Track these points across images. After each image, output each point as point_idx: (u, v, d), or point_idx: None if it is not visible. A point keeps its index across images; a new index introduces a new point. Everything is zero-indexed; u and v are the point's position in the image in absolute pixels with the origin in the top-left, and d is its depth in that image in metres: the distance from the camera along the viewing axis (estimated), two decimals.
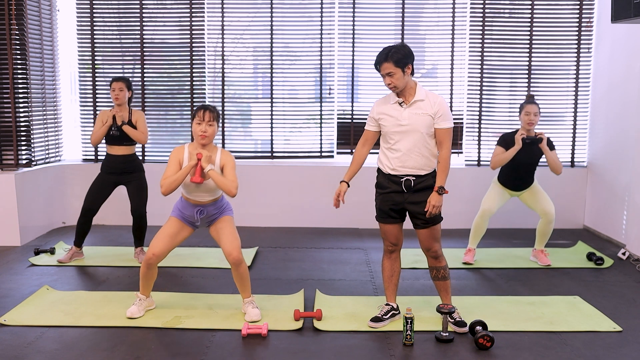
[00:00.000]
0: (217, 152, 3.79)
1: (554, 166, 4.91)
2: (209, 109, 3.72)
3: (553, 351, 3.41)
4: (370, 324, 3.72)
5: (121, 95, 4.95)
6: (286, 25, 6.50)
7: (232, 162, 3.78)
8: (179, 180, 3.64)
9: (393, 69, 3.51)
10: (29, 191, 5.82)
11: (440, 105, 3.56)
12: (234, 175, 3.72)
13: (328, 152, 6.59)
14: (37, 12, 5.99)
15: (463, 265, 5.05)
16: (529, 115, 4.84)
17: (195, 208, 3.80)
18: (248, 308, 3.85)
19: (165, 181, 3.64)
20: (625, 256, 5.28)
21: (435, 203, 3.56)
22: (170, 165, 3.71)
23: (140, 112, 5.07)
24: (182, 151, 3.76)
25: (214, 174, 3.65)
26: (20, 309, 3.96)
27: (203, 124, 3.68)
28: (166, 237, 3.79)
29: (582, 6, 6.34)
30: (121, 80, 5.00)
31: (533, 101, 4.94)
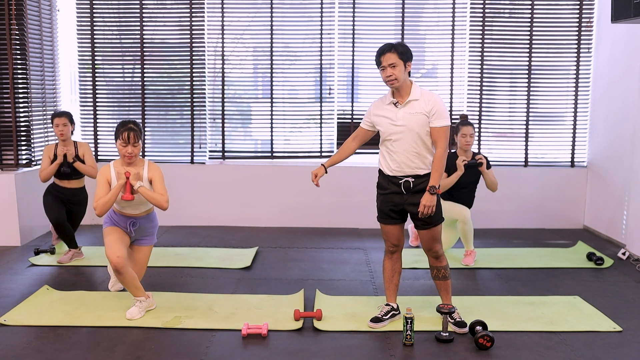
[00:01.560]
0: (145, 166, 3.88)
1: (492, 186, 5.13)
2: (132, 129, 3.76)
3: (553, 351, 3.41)
4: (370, 324, 3.72)
5: (65, 131, 4.98)
6: (286, 25, 6.50)
7: (160, 174, 3.89)
8: (112, 200, 3.75)
9: (396, 61, 3.52)
10: (29, 191, 5.82)
11: (434, 103, 3.52)
12: (163, 188, 3.85)
13: (328, 152, 6.59)
14: (37, 12, 5.99)
15: (462, 265, 5.05)
16: (465, 137, 4.99)
17: (128, 220, 3.92)
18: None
19: (98, 203, 3.74)
20: (625, 256, 5.28)
21: (427, 203, 3.52)
22: (100, 186, 3.80)
23: (85, 145, 5.11)
24: (109, 170, 3.85)
25: (144, 190, 3.76)
26: (20, 309, 3.96)
27: (129, 146, 3.77)
28: (117, 241, 3.83)
29: (582, 6, 6.34)
30: (64, 116, 5.01)
31: (467, 122, 5.07)
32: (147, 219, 3.99)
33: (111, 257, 3.73)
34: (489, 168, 5.11)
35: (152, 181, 3.87)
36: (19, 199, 5.64)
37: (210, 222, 6.57)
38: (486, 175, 5.07)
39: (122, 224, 3.92)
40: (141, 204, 3.90)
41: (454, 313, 3.69)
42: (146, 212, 3.98)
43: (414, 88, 3.60)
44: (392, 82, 3.54)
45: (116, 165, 3.87)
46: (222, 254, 5.36)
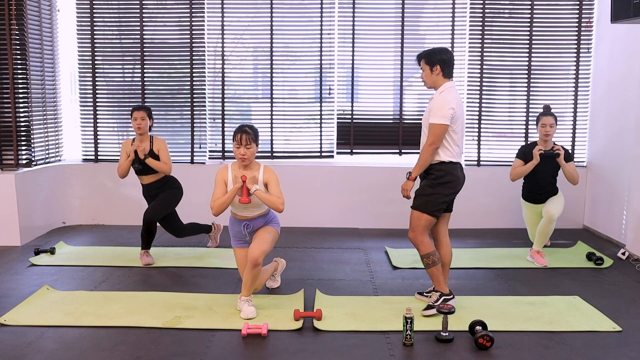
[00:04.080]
0: (260, 170, 3.94)
1: (571, 178, 5.12)
2: (245, 132, 3.84)
3: (553, 351, 3.41)
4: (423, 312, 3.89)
5: (143, 125, 4.96)
6: (286, 25, 6.50)
7: (275, 178, 3.95)
8: (227, 202, 3.86)
9: (424, 66, 3.96)
10: (29, 191, 5.82)
11: (434, 101, 3.88)
12: (279, 191, 3.91)
13: (328, 152, 6.59)
14: (37, 12, 5.99)
15: (461, 266, 5.05)
16: (544, 127, 5.01)
17: (242, 223, 3.99)
18: (244, 305, 3.90)
19: (215, 203, 3.86)
20: (625, 256, 5.29)
21: (403, 185, 4.00)
22: (217, 187, 3.91)
23: (161, 141, 5.08)
24: (226, 172, 3.94)
25: (261, 193, 3.82)
26: (20, 309, 3.96)
27: (242, 147, 3.84)
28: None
29: (582, 6, 6.34)
30: (142, 109, 5.00)
31: (549, 112, 5.05)
32: (260, 220, 4.01)
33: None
34: (570, 161, 5.08)
35: (268, 184, 3.91)
36: (19, 199, 5.64)
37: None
38: (564, 167, 5.04)
39: (236, 229, 4.04)
40: (256, 207, 3.94)
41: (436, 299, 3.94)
42: (260, 214, 4.01)
43: (440, 89, 3.94)
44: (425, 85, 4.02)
45: (234, 167, 3.94)
46: (222, 254, 5.36)
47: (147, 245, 5.07)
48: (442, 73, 3.91)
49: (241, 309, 3.90)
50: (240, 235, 4.04)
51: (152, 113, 5.14)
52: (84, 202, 6.53)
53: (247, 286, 3.90)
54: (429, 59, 3.92)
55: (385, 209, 6.46)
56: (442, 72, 3.91)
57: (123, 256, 5.24)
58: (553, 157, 5.01)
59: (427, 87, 4.01)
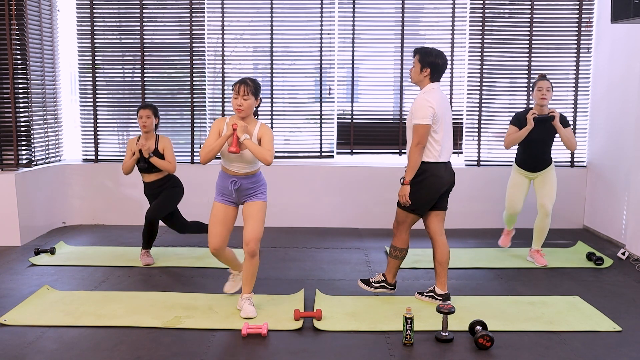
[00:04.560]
0: (256, 126, 3.89)
1: (568, 143, 4.93)
2: (245, 82, 3.82)
3: (553, 351, 3.41)
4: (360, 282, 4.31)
5: (148, 123, 4.95)
6: (286, 26, 6.50)
7: (270, 135, 3.89)
8: (216, 149, 3.79)
9: (415, 62, 4.00)
10: (29, 191, 5.82)
11: (416, 103, 3.96)
12: (270, 145, 3.85)
13: (328, 152, 6.59)
14: (37, 12, 5.99)
15: (461, 266, 5.05)
16: (541, 91, 4.86)
17: (230, 179, 3.88)
18: (245, 304, 3.90)
19: (203, 150, 3.82)
20: (625, 256, 5.29)
21: (399, 192, 4.02)
22: (211, 136, 3.87)
23: (166, 139, 5.06)
24: (223, 122, 3.90)
25: (249, 142, 3.75)
26: (20, 309, 3.96)
27: (239, 97, 3.80)
28: (218, 226, 3.92)
29: (582, 6, 6.34)
30: (148, 108, 5.00)
31: (545, 78, 4.95)
32: (248, 180, 3.91)
33: (210, 246, 3.91)
34: (567, 126, 4.92)
35: (262, 139, 3.85)
36: (19, 199, 5.64)
37: None
38: (561, 131, 4.85)
39: (223, 185, 3.91)
40: (246, 162, 3.85)
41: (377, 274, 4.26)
42: (250, 172, 3.91)
43: (423, 90, 4.00)
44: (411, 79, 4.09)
45: (232, 119, 3.88)
46: None
47: (148, 245, 5.06)
48: (429, 76, 3.97)
49: (241, 307, 3.90)
50: (226, 191, 3.91)
51: (159, 112, 5.13)
52: (84, 202, 6.53)
53: (248, 281, 3.90)
54: (423, 59, 3.96)
55: (385, 209, 6.44)
56: (430, 76, 3.97)
57: (123, 256, 5.24)
58: (548, 120, 4.83)
59: (412, 82, 4.09)
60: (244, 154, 3.79)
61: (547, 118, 4.83)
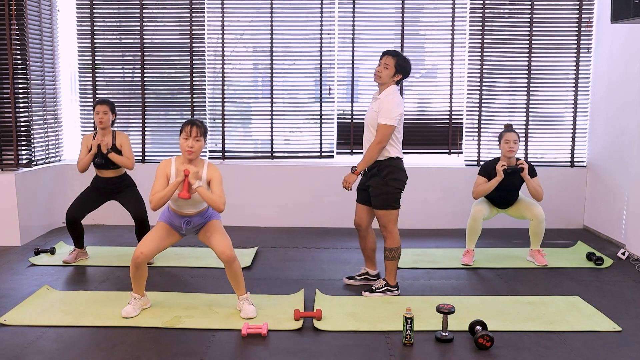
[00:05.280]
0: (204, 167, 3.85)
1: (535, 194, 5.01)
2: (196, 124, 3.77)
3: (553, 351, 3.41)
4: (345, 279, 4.56)
5: (105, 119, 4.89)
6: (286, 25, 6.50)
7: (219, 177, 3.86)
8: (167, 196, 3.73)
9: (390, 64, 4.15)
10: (29, 191, 5.82)
11: (384, 103, 4.10)
12: (221, 190, 3.82)
13: (328, 152, 6.59)
14: (37, 12, 5.99)
15: (462, 265, 5.05)
16: (508, 143, 4.92)
17: (182, 219, 3.89)
18: (244, 305, 3.90)
19: (154, 197, 3.73)
20: (625, 256, 5.29)
21: (347, 178, 4.25)
22: (158, 180, 3.79)
23: (124, 135, 5.03)
24: (169, 165, 3.83)
25: (202, 190, 3.73)
26: (20, 309, 3.96)
27: (190, 139, 3.74)
28: (155, 239, 3.84)
29: (582, 6, 6.35)
30: (105, 103, 4.95)
31: (512, 129, 5.02)
32: (200, 216, 3.92)
33: (136, 250, 3.76)
34: (534, 176, 4.99)
35: (211, 182, 3.84)
36: (19, 199, 5.64)
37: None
38: (529, 183, 4.92)
39: (175, 222, 3.90)
40: (197, 203, 3.85)
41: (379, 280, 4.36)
42: (200, 211, 3.92)
43: (386, 90, 4.18)
44: (376, 77, 4.20)
45: (177, 161, 3.83)
46: None
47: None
48: (396, 81, 4.22)
49: (241, 308, 3.90)
50: (178, 228, 3.92)
51: (115, 107, 5.07)
52: None
53: (238, 284, 3.92)
54: (400, 64, 4.17)
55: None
56: (397, 81, 4.22)
57: (123, 256, 5.24)
58: (517, 171, 4.90)
59: (377, 80, 4.19)
60: (194, 197, 3.77)
61: (516, 170, 4.91)
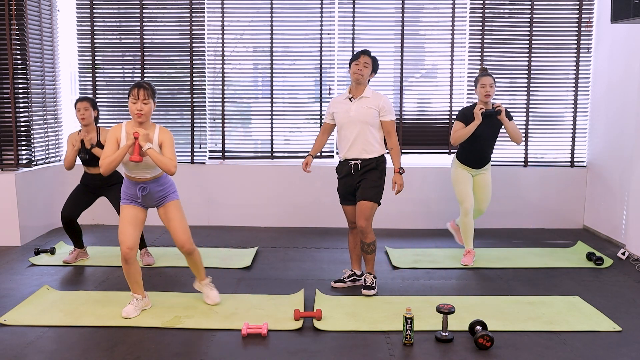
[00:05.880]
0: (155, 130, 3.83)
1: (514, 136, 5.01)
2: (143, 86, 3.75)
3: (553, 351, 3.42)
4: (333, 284, 4.50)
5: (87, 115, 4.91)
6: (286, 25, 6.50)
7: (171, 139, 3.83)
8: (117, 159, 3.70)
9: (369, 63, 4.32)
10: (29, 191, 5.82)
11: (384, 102, 4.28)
12: (172, 153, 3.80)
13: (328, 152, 6.59)
14: (37, 12, 5.99)
15: (462, 265, 5.05)
16: (484, 87, 4.91)
17: (137, 186, 3.84)
18: (207, 290, 3.98)
19: (104, 161, 3.72)
20: (625, 256, 5.29)
21: (399, 181, 4.29)
22: (109, 145, 3.76)
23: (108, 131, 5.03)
24: (120, 130, 3.80)
25: (153, 152, 3.69)
26: (20, 309, 3.96)
27: (138, 102, 3.73)
28: (128, 227, 3.81)
29: (582, 6, 6.35)
30: (86, 100, 4.97)
31: (487, 73, 5.00)
32: (156, 183, 3.88)
33: (122, 247, 3.74)
34: (511, 120, 5.01)
35: (162, 145, 3.80)
36: (19, 199, 5.64)
37: (210, 222, 6.57)
38: (507, 125, 4.94)
39: (131, 192, 3.85)
40: (149, 167, 3.81)
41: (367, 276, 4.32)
42: (155, 177, 3.87)
43: (367, 89, 4.33)
44: (358, 77, 4.27)
45: (128, 125, 3.81)
46: (222, 254, 5.36)
47: (143, 243, 5.09)
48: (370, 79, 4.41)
49: (204, 292, 3.96)
50: (135, 197, 3.87)
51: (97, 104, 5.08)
52: None
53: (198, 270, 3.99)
54: (375, 63, 4.39)
55: (385, 208, 6.43)
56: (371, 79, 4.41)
57: None
58: (495, 114, 4.89)
59: (359, 80, 4.27)
60: (146, 161, 3.74)
61: (494, 112, 4.90)
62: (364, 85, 4.31)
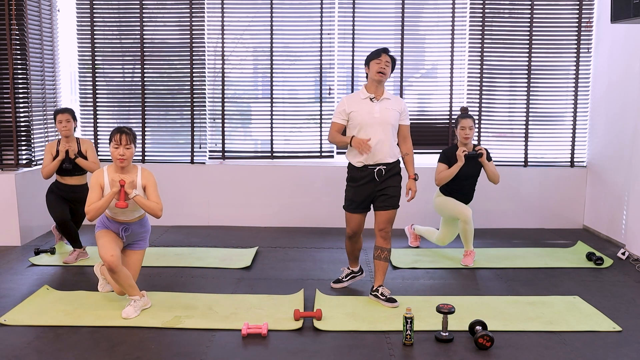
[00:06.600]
0: (138, 173, 3.90)
1: (493, 177, 5.14)
2: (124, 132, 3.82)
3: (553, 351, 3.42)
4: (332, 285, 4.42)
5: (69, 127, 5.00)
6: (286, 25, 6.50)
7: (154, 181, 3.91)
8: (104, 207, 3.77)
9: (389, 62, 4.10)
10: (29, 191, 5.82)
11: (404, 106, 4.19)
12: (157, 196, 3.88)
13: (328, 152, 6.59)
14: (37, 12, 6.00)
15: (462, 265, 5.06)
16: (464, 130, 5.02)
17: (121, 226, 3.93)
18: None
19: (90, 208, 3.77)
20: (625, 256, 5.29)
21: (414, 188, 4.20)
22: (92, 190, 3.82)
23: (88, 142, 5.15)
24: (102, 175, 3.87)
25: (140, 199, 3.79)
26: (20, 309, 3.96)
27: (120, 147, 3.80)
28: (111, 242, 3.84)
29: (582, 6, 6.35)
30: (67, 112, 5.04)
31: (467, 115, 5.09)
32: (139, 224, 4.01)
33: (105, 257, 3.75)
34: (490, 160, 5.12)
35: (146, 188, 3.89)
36: (19, 199, 5.64)
37: (210, 222, 6.57)
38: (487, 167, 5.07)
39: (113, 229, 3.93)
40: (134, 210, 3.92)
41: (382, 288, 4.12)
42: (138, 218, 3.99)
43: (386, 90, 4.19)
44: (381, 77, 4.06)
45: (110, 170, 3.89)
46: (222, 254, 5.36)
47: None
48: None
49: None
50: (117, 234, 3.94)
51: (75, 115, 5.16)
52: None
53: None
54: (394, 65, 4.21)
55: None
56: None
57: None
58: (477, 157, 5.03)
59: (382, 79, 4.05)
60: (131, 204, 3.82)
61: (476, 155, 5.03)
62: (383, 86, 4.14)
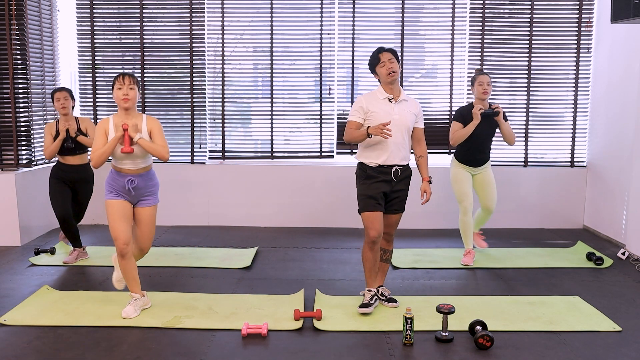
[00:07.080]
0: (143, 119, 3.85)
1: (508, 137, 5.06)
2: (127, 74, 3.79)
3: (553, 351, 3.42)
4: (360, 309, 3.90)
5: (67, 104, 4.98)
6: (286, 25, 6.50)
7: (159, 126, 3.87)
8: (108, 152, 3.72)
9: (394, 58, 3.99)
10: (29, 191, 5.82)
11: (420, 108, 4.10)
12: (163, 139, 3.83)
13: (328, 152, 6.59)
14: (37, 12, 6.00)
15: (462, 265, 5.05)
16: (482, 85, 4.95)
17: (126, 178, 3.82)
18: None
19: (95, 154, 3.73)
20: (625, 256, 5.29)
21: (429, 190, 4.06)
22: (97, 138, 3.77)
23: (87, 120, 5.12)
24: (107, 122, 3.81)
25: (144, 142, 3.72)
26: (20, 309, 3.96)
27: (124, 87, 3.75)
28: (121, 221, 3.79)
29: (581, 6, 6.35)
30: (65, 90, 5.03)
31: (484, 72, 5.05)
32: (146, 177, 3.88)
33: (118, 243, 3.74)
34: (506, 120, 5.06)
35: (152, 133, 3.82)
36: (19, 199, 5.64)
37: (210, 222, 6.57)
38: (503, 126, 4.99)
39: (119, 184, 3.82)
40: (140, 158, 3.81)
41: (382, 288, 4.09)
42: (144, 169, 3.87)
43: (402, 91, 4.07)
44: (392, 74, 3.93)
45: (115, 118, 3.82)
46: (222, 254, 5.36)
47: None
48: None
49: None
50: (122, 190, 3.82)
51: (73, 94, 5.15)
52: None
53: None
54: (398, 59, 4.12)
55: None
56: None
57: None
58: (493, 115, 4.94)
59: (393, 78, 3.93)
60: (136, 150, 3.76)
61: (492, 113, 4.94)
62: (399, 85, 4.03)
